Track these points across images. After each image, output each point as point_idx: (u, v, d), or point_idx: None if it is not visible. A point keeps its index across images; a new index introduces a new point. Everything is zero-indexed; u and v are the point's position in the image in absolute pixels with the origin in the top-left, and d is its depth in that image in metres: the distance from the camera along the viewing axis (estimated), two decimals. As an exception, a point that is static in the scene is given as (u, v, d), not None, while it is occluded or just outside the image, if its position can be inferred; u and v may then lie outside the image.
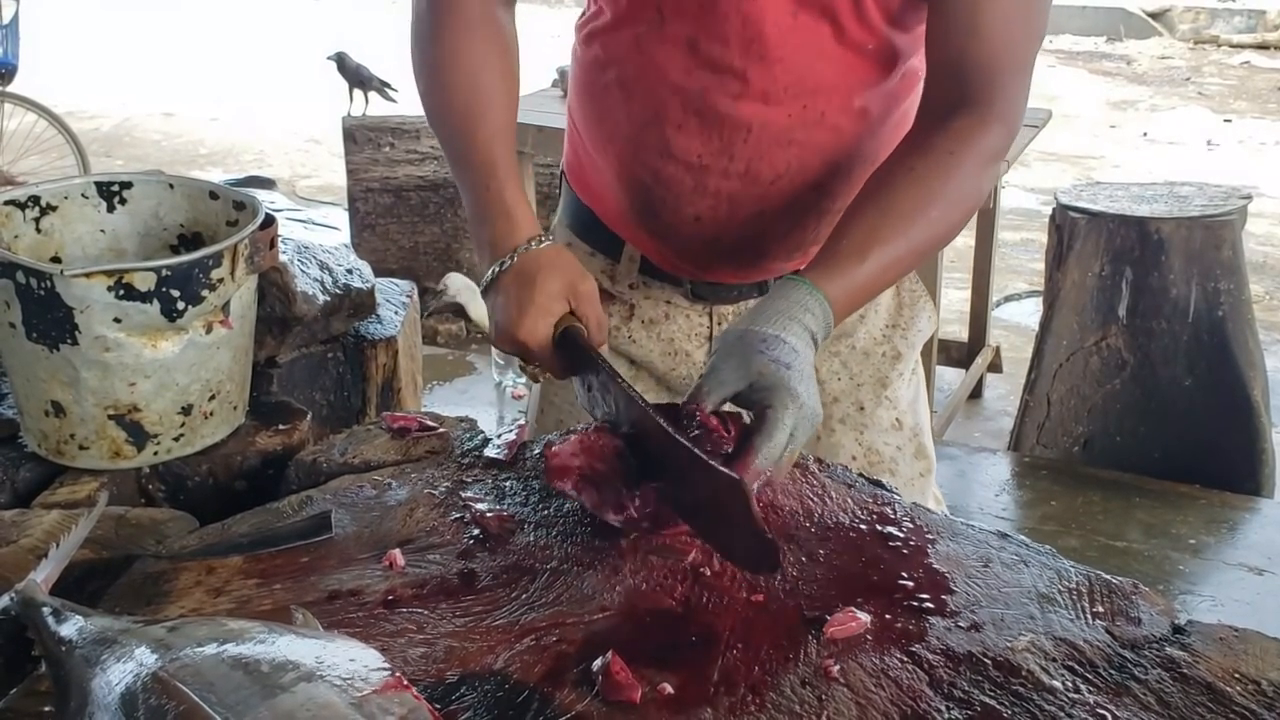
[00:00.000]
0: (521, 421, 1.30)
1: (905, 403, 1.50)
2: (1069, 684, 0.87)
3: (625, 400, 1.08)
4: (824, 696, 0.85)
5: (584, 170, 1.45)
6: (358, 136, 4.85)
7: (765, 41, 1.23)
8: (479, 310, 3.80)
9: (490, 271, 1.22)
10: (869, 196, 1.21)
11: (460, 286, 3.76)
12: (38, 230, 1.37)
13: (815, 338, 1.10)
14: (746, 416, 1.09)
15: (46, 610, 0.88)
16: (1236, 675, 0.87)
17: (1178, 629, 0.93)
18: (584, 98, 1.40)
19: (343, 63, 5.52)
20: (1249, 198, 3.53)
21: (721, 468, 0.97)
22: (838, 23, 1.23)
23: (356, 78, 5.47)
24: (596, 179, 1.42)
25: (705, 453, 0.99)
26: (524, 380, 4.11)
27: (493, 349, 4.11)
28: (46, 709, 0.83)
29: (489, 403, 4.08)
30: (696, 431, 1.06)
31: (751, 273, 1.41)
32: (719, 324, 1.45)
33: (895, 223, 1.17)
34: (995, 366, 4.24)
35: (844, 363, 1.47)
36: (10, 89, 5.95)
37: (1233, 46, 11.51)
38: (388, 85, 5.42)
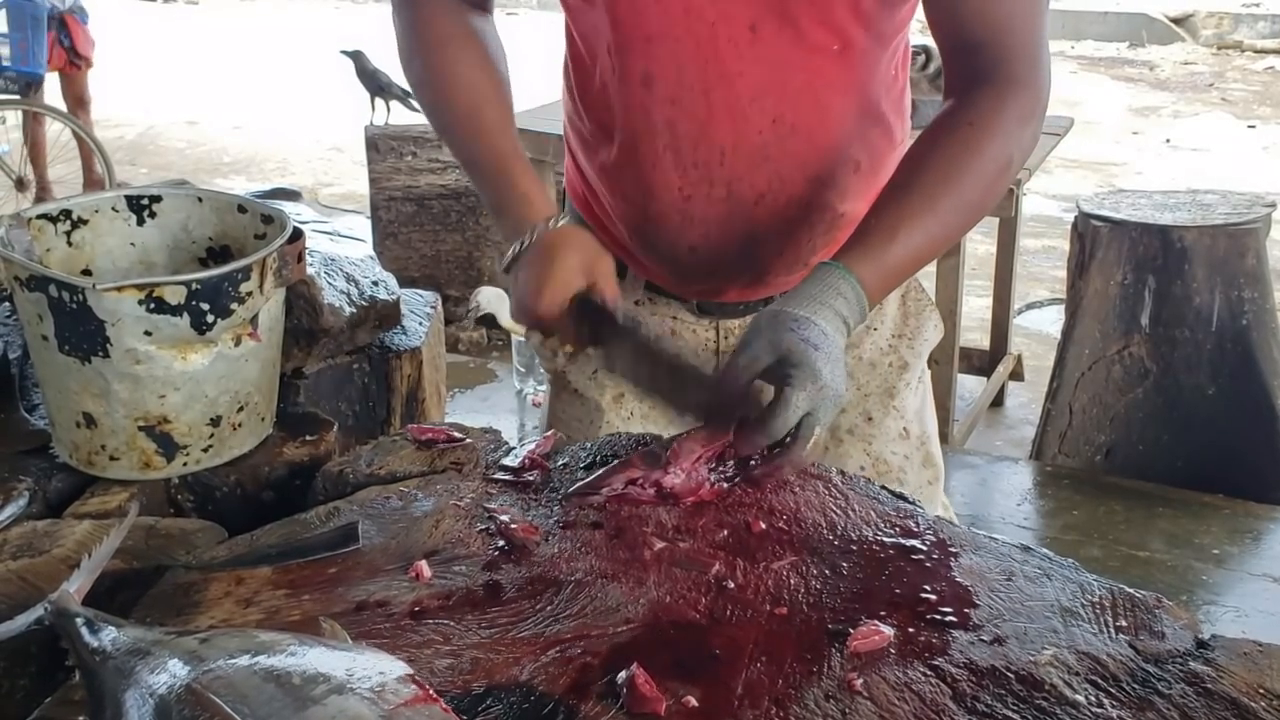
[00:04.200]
0: (549, 433, 1.31)
1: (912, 411, 1.49)
2: (1092, 698, 0.87)
3: (642, 341, 1.20)
4: (847, 710, 0.86)
5: (585, 194, 1.46)
6: (380, 145, 4.89)
7: (722, 61, 1.23)
8: (509, 322, 3.81)
9: (512, 250, 1.26)
10: (898, 177, 1.22)
11: (491, 297, 3.79)
12: (69, 244, 1.39)
13: (847, 322, 1.13)
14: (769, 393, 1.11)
15: (80, 621, 0.89)
16: (1261, 691, 0.87)
17: (1202, 643, 0.93)
18: (572, 136, 1.43)
19: (360, 63, 5.51)
20: (1273, 205, 3.52)
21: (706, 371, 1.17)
22: (798, 28, 1.22)
23: (374, 83, 5.47)
24: (596, 205, 1.44)
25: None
26: (544, 387, 4.12)
27: (514, 357, 4.12)
28: (80, 719, 0.84)
29: (510, 410, 4.09)
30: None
31: (757, 289, 1.42)
32: (725, 338, 1.45)
33: (923, 199, 1.19)
34: (1017, 374, 4.23)
35: (851, 374, 1.45)
36: (38, 98, 6.02)
37: (1256, 52, 11.45)
38: (410, 95, 5.42)
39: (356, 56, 5.51)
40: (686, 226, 1.33)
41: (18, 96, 5.81)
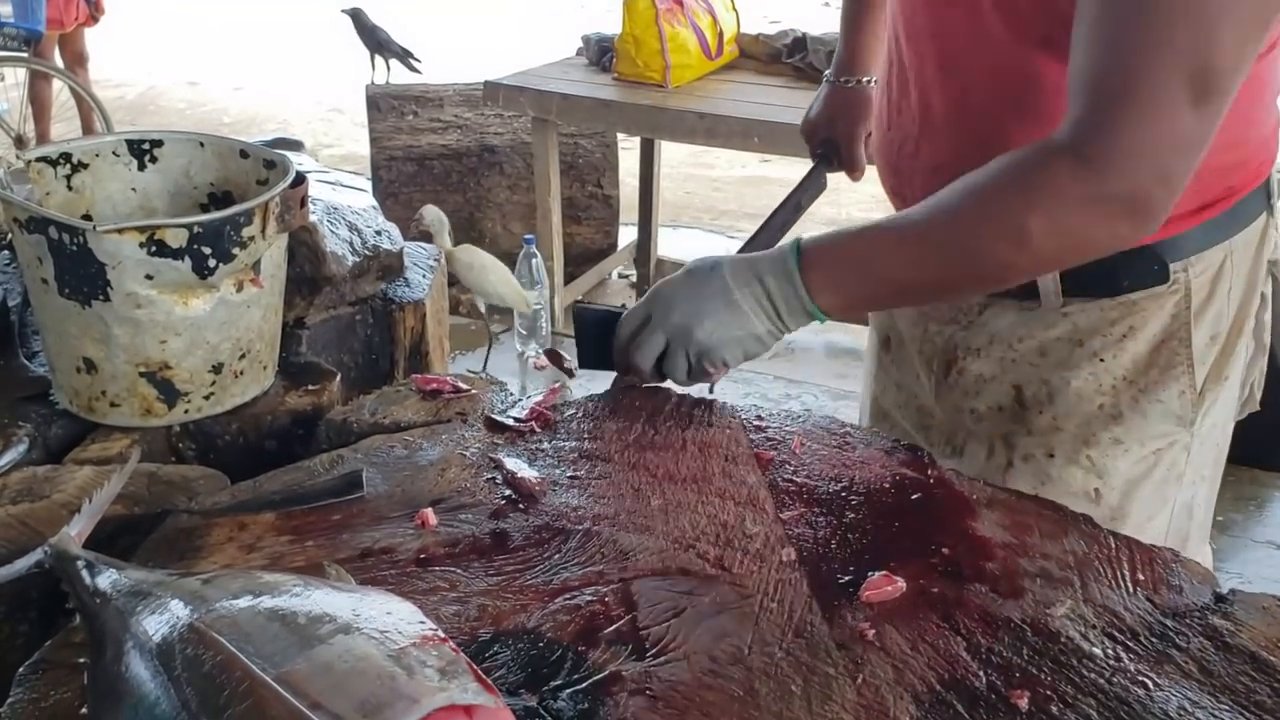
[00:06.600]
0: (555, 385, 1.29)
1: (1118, 478, 1.25)
2: (1109, 651, 0.86)
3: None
4: (860, 659, 0.84)
5: None
6: (381, 104, 4.84)
7: (921, 21, 1.25)
8: (444, 242, 3.60)
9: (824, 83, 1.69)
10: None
11: (433, 217, 3.63)
12: (69, 188, 1.36)
13: (762, 280, 1.11)
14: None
15: (80, 563, 0.88)
16: (1280, 645, 0.86)
17: (1220, 598, 0.92)
18: None
19: (359, 20, 5.47)
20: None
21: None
22: (978, 8, 1.14)
23: (374, 40, 5.43)
24: None
25: None
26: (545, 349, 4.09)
27: (515, 319, 4.10)
28: (81, 660, 0.83)
29: (511, 373, 4.08)
30: None
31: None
32: (957, 358, 1.35)
33: (909, 225, 1.09)
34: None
35: (1051, 394, 1.27)
36: (39, 55, 5.96)
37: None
38: (410, 54, 5.38)
39: (355, 14, 5.47)
40: (892, 174, 1.36)
41: (25, 54, 5.75)
